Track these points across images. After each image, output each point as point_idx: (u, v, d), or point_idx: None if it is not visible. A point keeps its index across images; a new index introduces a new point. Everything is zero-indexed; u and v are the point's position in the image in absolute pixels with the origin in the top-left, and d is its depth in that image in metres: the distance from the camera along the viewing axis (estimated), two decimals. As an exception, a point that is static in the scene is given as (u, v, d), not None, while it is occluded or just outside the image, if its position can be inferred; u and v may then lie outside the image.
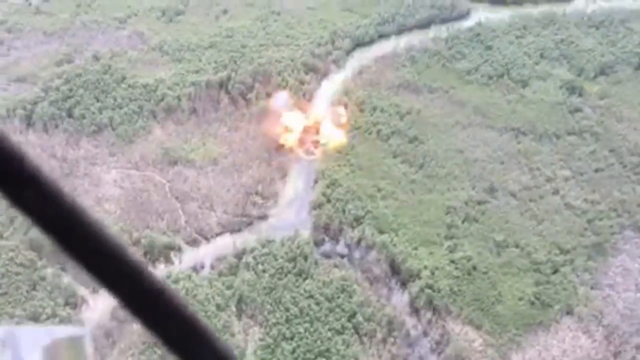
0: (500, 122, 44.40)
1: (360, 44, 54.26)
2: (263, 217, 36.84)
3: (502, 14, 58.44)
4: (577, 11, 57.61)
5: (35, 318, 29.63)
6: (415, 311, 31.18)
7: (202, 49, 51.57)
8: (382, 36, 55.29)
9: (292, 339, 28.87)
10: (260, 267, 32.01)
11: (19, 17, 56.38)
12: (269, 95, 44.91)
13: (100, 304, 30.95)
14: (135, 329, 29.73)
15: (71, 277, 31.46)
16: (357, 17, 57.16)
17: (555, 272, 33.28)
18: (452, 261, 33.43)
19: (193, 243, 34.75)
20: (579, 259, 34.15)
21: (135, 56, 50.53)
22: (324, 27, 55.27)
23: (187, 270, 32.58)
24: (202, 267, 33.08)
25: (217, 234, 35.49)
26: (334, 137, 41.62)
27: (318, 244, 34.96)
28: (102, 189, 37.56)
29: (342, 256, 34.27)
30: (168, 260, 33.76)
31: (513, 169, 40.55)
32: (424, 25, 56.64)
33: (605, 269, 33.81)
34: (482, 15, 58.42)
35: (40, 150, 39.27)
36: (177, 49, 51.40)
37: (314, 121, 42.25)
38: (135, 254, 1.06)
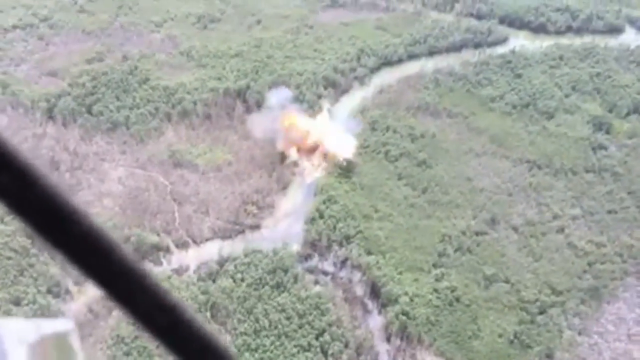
0: (516, 153, 42.94)
1: (387, 62, 53.87)
2: (255, 227, 36.91)
3: (541, 43, 56.84)
4: (621, 45, 55.34)
5: (16, 302, 30.63)
6: (387, 337, 30.35)
7: (228, 57, 52.47)
8: (412, 57, 54.70)
9: (256, 350, 28.65)
10: (239, 275, 32.02)
11: (63, 14, 59.05)
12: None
13: (83, 297, 31.69)
14: (109, 324, 30.27)
15: (59, 267, 32.37)
16: (389, 36, 56.84)
17: (542, 312, 31.71)
18: (435, 290, 32.41)
19: (182, 246, 35.16)
20: (571, 301, 32.43)
21: (162, 59, 51.94)
22: (353, 44, 55.24)
23: (171, 271, 32.91)
24: (186, 270, 33.38)
25: (207, 239, 35.78)
26: (341, 153, 41.23)
27: (305, 258, 34.69)
28: (105, 185, 38.62)
29: (326, 273, 33.84)
30: (156, 260, 34.22)
31: (520, 202, 39.07)
32: (457, 48, 55.72)
33: (598, 315, 31.96)
34: (520, 42, 57.04)
35: (55, 142, 40.79)
36: (204, 55, 52.49)
37: (322, 136, 41.97)
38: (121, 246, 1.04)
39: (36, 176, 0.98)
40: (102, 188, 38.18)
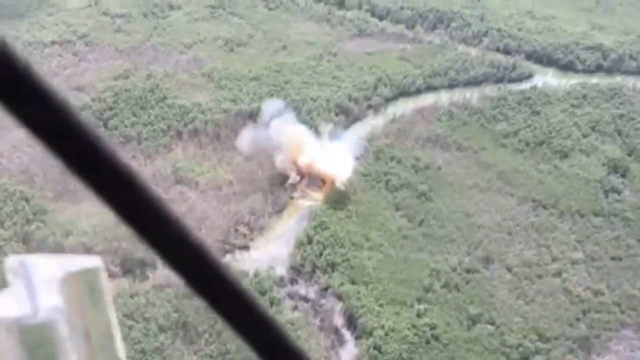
0: (523, 191, 41.72)
1: (404, 93, 53.69)
2: (244, 248, 37.09)
3: (566, 81, 55.47)
4: (652, 87, 53.44)
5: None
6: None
7: (247, 79, 53.52)
8: (430, 88, 54.34)
9: (218, 372, 28.54)
10: (216, 295, 32.05)
11: (100, 32, 61.81)
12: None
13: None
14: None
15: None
16: (410, 67, 56.72)
17: (524, 359, 30.31)
18: (414, 326, 31.54)
19: (169, 261, 35.50)
20: (558, 350, 30.90)
21: (184, 79, 53.49)
22: (372, 73, 55.37)
23: (151, 287, 33.35)
24: (168, 286, 33.72)
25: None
26: (340, 180, 41.11)
27: (290, 283, 34.53)
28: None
29: (307, 300, 33.54)
30: (141, 275, 34.77)
31: (519, 241, 37.80)
32: (478, 82, 55.02)
33: (585, 368, 30.32)
34: (545, 79, 55.85)
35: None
36: (224, 77, 53.74)
37: (324, 161, 41.94)
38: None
39: (67, 107, 0.94)
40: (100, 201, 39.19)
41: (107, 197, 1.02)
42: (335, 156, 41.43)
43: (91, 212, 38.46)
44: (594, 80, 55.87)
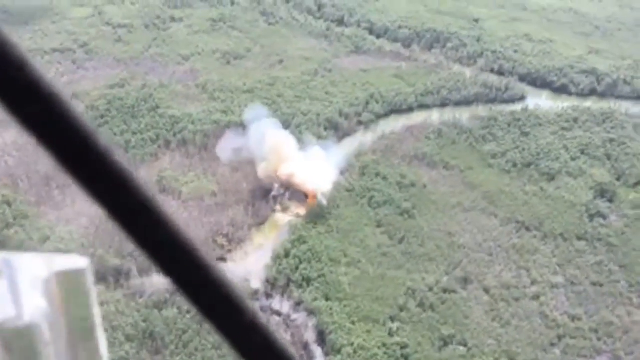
0: (507, 213, 41.42)
1: (396, 110, 53.76)
2: (221, 260, 36.95)
3: (558, 104, 55.32)
4: (645, 112, 53.16)
5: None
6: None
7: (240, 92, 53.84)
8: (422, 106, 54.40)
9: (182, 383, 28.33)
10: (185, 307, 31.94)
11: (101, 42, 62.58)
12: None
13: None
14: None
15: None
16: (403, 85, 56.84)
17: (493, 382, 29.89)
18: (384, 344, 31.20)
19: (145, 272, 35.41)
20: (529, 375, 30.44)
21: (178, 90, 53.90)
22: (365, 90, 55.52)
23: (123, 296, 33.28)
24: (141, 296, 33.65)
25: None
26: (322, 194, 41.01)
27: (262, 297, 34.35)
28: (87, 203, 39.79)
29: (279, 314, 33.32)
30: (115, 284, 34.69)
31: (499, 263, 37.44)
32: (469, 102, 55.03)
33: (556, 393, 29.80)
34: (537, 102, 55.73)
35: (44, 154, 42.61)
36: (217, 89, 54.10)
37: (305, 173, 41.78)
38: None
39: (65, 103, 0.92)
40: (83, 206, 39.37)
41: (99, 195, 0.96)
42: (318, 168, 41.33)
43: (70, 218, 38.68)
44: (587, 104, 55.68)
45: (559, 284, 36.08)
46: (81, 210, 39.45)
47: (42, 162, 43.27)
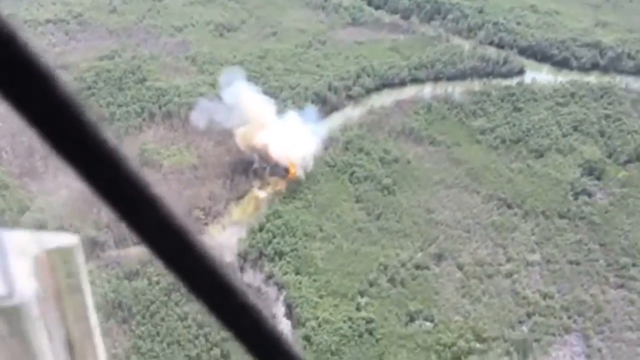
0: (489, 189, 40.77)
1: (388, 84, 52.86)
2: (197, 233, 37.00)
3: (559, 78, 53.87)
4: (646, 87, 51.55)
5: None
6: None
7: (230, 64, 53.22)
8: (415, 80, 53.40)
9: (144, 354, 28.70)
10: (156, 278, 32.27)
11: (94, 12, 62.35)
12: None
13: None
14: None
15: None
16: (398, 58, 55.79)
17: (456, 359, 29.73)
18: (350, 319, 31.19)
19: (121, 244, 35.76)
20: (493, 352, 30.21)
21: (168, 62, 53.65)
22: (357, 63, 54.64)
23: (96, 267, 33.64)
24: (114, 267, 34.02)
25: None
26: (302, 169, 40.72)
27: (235, 270, 34.46)
28: (68, 175, 40.11)
29: (249, 287, 33.42)
30: (90, 255, 35.01)
31: (476, 240, 36.98)
32: (464, 76, 53.84)
33: (519, 371, 29.58)
34: (535, 75, 54.30)
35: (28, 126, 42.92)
36: (206, 62, 53.71)
37: (282, 143, 41.21)
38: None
39: (55, 80, 0.90)
40: (64, 178, 39.66)
41: (87, 173, 0.94)
42: (296, 137, 40.69)
43: (51, 190, 39.05)
44: (589, 78, 54.12)
45: (534, 261, 35.57)
46: (62, 182, 39.76)
47: (27, 133, 43.58)
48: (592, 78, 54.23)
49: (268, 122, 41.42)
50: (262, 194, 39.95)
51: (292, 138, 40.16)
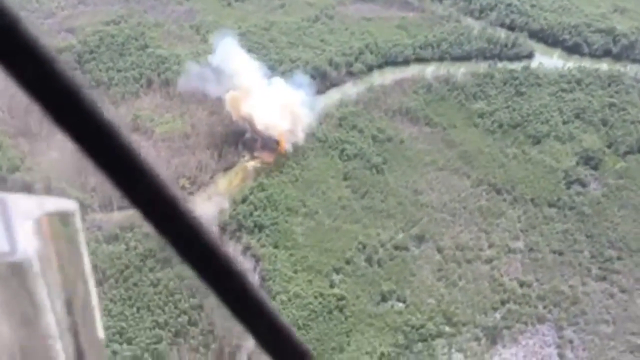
0: (480, 174, 40.17)
1: (391, 62, 52.04)
2: (181, 201, 37.28)
3: (567, 64, 52.44)
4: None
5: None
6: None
7: (233, 35, 52.92)
8: (420, 60, 52.45)
9: (113, 317, 29.18)
10: (133, 244, 32.66)
11: (106, -23, 62.17)
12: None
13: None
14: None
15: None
16: (404, 36, 54.82)
17: (423, 340, 29.67)
18: (322, 295, 31.28)
19: (106, 208, 36.21)
20: (461, 337, 30.07)
21: (172, 29, 53.53)
22: (362, 39, 53.83)
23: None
24: (94, 231, 34.44)
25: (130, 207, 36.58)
26: (292, 143, 40.57)
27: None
28: (59, 138, 40.53)
29: (226, 258, 33.66)
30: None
31: (460, 224, 36.60)
32: (469, 57, 52.72)
33: (486, 357, 29.41)
34: (544, 60, 52.96)
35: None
36: (209, 31, 53.30)
37: (275, 122, 41.09)
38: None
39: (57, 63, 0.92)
40: (57, 140, 40.12)
41: (79, 140, 0.97)
42: (281, 108, 40.30)
43: (43, 151, 39.58)
44: (599, 65, 52.59)
45: (516, 249, 35.12)
46: (54, 143, 40.28)
47: (23, 94, 44.05)
48: (603, 65, 52.68)
49: (254, 88, 41.08)
50: (249, 166, 39.90)
51: (277, 107, 39.83)
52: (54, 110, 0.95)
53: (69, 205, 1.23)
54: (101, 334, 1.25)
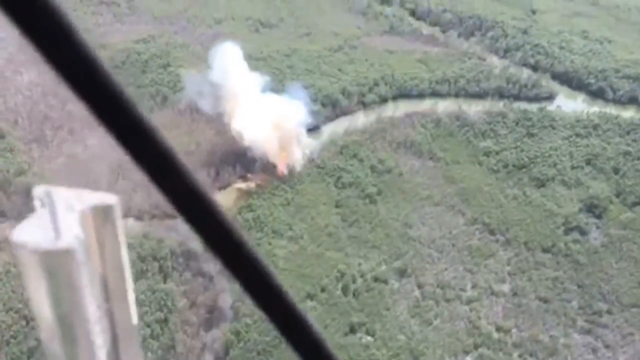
0: (476, 212, 39.38)
1: (405, 95, 52.09)
2: (173, 217, 38.12)
3: (588, 108, 51.13)
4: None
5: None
6: (216, 353, 29.96)
7: (254, 59, 54.03)
8: (435, 94, 52.29)
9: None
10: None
11: (144, -1, 65.23)
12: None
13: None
14: None
15: None
16: (424, 70, 54.84)
17: (384, 377, 29.04)
18: (289, 321, 31.07)
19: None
20: (424, 377, 29.25)
21: (196, 50, 55.34)
22: (380, 71, 54.17)
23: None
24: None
25: (126, 217, 37.64)
26: (291, 167, 41.01)
27: (197, 257, 35.23)
28: (68, 145, 42.44)
29: (203, 276, 34.10)
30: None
31: (446, 261, 35.86)
32: (486, 95, 52.17)
33: (447, 401, 28.47)
34: (565, 103, 51.87)
35: (52, 97, 45.52)
36: (231, 54, 54.83)
37: (286, 149, 41.67)
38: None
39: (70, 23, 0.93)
40: (66, 147, 41.96)
41: (128, 143, 1.09)
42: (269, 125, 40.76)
43: (51, 157, 41.40)
44: (622, 112, 51.03)
45: (500, 292, 34.05)
46: (63, 151, 42.14)
47: (45, 103, 46.47)
48: (627, 112, 51.08)
49: (248, 103, 41.82)
50: (243, 187, 40.49)
51: (269, 126, 40.46)
52: (102, 111, 0.99)
53: (109, 198, 1.24)
54: (135, 320, 1.29)
